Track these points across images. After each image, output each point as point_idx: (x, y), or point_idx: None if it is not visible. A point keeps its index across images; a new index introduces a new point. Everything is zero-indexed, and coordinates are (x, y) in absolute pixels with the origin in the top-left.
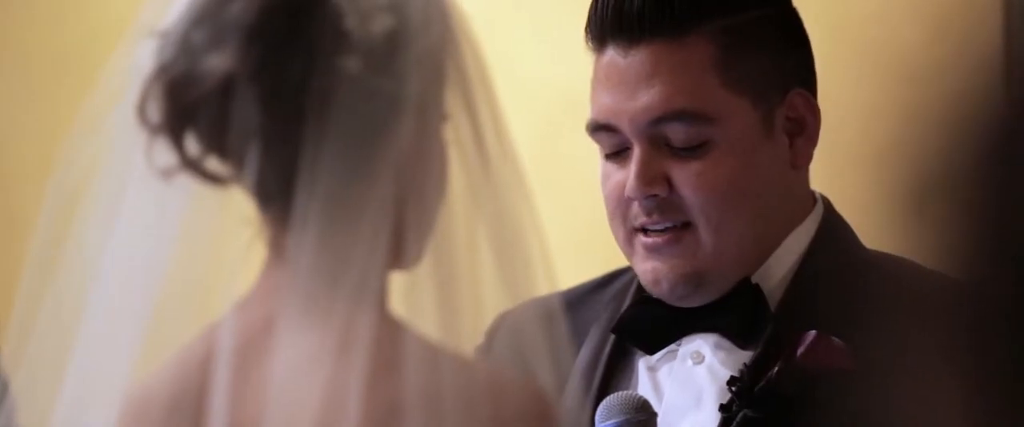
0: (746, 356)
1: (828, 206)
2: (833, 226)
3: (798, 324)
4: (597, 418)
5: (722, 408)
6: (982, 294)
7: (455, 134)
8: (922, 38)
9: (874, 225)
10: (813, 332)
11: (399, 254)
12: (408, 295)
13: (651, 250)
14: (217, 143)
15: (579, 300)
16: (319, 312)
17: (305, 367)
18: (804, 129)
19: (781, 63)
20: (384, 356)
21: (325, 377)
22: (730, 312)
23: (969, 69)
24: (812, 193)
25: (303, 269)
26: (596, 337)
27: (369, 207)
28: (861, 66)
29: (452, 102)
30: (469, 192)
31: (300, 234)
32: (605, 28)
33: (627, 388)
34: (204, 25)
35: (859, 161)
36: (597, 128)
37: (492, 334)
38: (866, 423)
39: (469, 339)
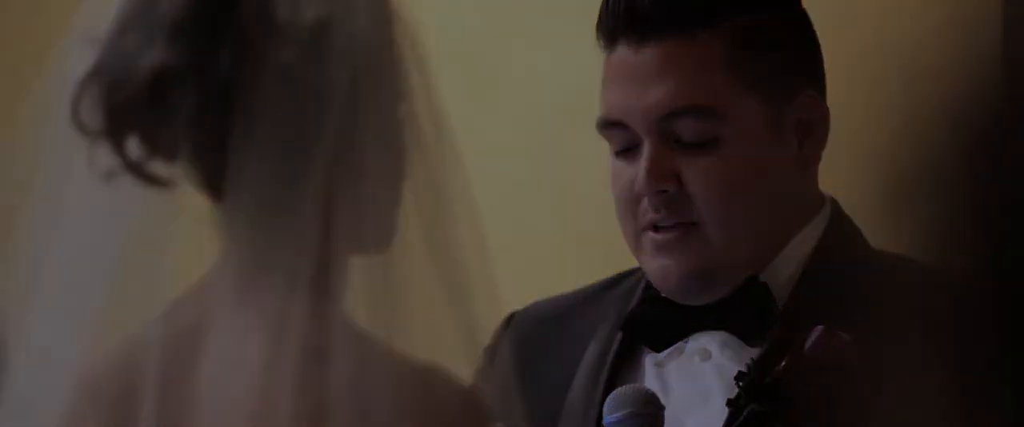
0: (753, 353)
1: (836, 207)
2: (841, 226)
3: (805, 322)
4: (605, 410)
5: (729, 403)
6: (976, 291)
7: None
8: (922, 38)
9: (872, 224)
10: (820, 327)
11: (358, 239)
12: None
13: (660, 247)
14: (156, 142)
15: (587, 300)
16: (252, 302)
17: (238, 357)
18: (813, 131)
19: (791, 64)
20: (315, 345)
21: (257, 366)
22: (737, 310)
23: (969, 69)
24: (821, 193)
25: (235, 260)
26: (603, 335)
27: (302, 196)
28: (861, 66)
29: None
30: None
31: (232, 224)
32: (617, 25)
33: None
34: (135, 26)
35: (858, 161)
36: (607, 125)
37: (500, 334)
38: (872, 418)
39: (398, 329)
